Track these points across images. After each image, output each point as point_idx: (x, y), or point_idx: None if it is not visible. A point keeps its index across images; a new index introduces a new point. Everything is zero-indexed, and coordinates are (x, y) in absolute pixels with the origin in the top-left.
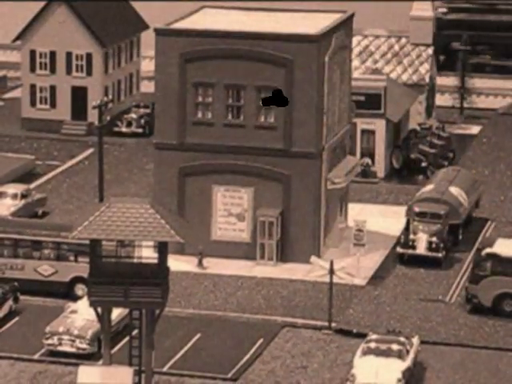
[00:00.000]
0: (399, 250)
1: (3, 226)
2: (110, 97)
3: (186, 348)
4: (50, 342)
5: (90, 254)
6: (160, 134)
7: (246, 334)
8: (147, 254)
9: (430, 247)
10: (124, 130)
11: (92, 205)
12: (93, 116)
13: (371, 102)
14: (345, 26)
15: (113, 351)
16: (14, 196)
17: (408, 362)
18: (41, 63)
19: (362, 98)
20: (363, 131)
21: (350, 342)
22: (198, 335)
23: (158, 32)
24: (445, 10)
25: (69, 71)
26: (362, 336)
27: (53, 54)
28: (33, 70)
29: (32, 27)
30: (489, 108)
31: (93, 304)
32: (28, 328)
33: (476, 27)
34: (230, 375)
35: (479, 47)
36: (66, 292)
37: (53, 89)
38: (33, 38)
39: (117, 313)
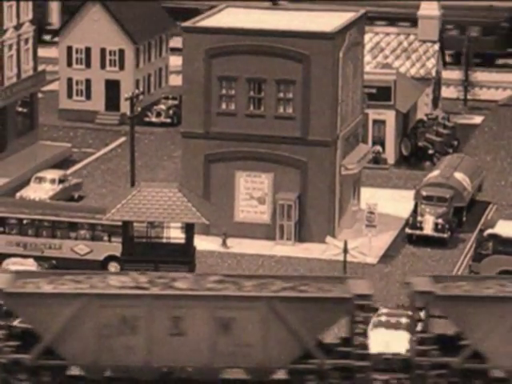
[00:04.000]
0: (408, 230)
1: (42, 208)
2: (141, 89)
3: None
4: None
5: (123, 235)
6: (187, 123)
7: None
8: (175, 234)
9: (436, 228)
10: (154, 120)
11: (124, 189)
12: (125, 107)
13: (382, 94)
14: (358, 24)
15: None
16: (52, 181)
17: None
18: (77, 58)
19: (374, 91)
20: (374, 121)
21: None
22: None
23: (185, 29)
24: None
25: (103, 66)
26: (373, 310)
27: (88, 50)
28: (69, 64)
29: (69, 25)
30: (490, 100)
31: None
32: None
33: None
34: None
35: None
36: (100, 270)
37: (88, 82)
38: (69, 34)
39: None
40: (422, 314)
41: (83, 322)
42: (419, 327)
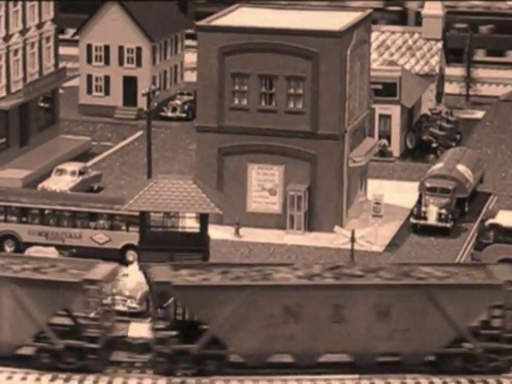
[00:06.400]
0: (412, 220)
1: (63, 199)
2: (157, 85)
3: None
4: (104, 301)
5: (140, 224)
6: (201, 118)
7: None
8: (190, 224)
9: (439, 218)
10: (169, 114)
11: (141, 181)
12: (142, 102)
13: (388, 90)
14: (364, 23)
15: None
16: (73, 173)
17: None
18: (96, 56)
19: (380, 87)
20: (381, 116)
21: None
22: None
23: (200, 28)
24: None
25: (121, 63)
26: None
27: (107, 48)
28: (89, 61)
29: (88, 24)
30: (491, 95)
31: (142, 268)
32: None
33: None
34: None
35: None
36: (119, 258)
37: (107, 78)
38: (89, 33)
39: None
40: None
41: None
42: None
